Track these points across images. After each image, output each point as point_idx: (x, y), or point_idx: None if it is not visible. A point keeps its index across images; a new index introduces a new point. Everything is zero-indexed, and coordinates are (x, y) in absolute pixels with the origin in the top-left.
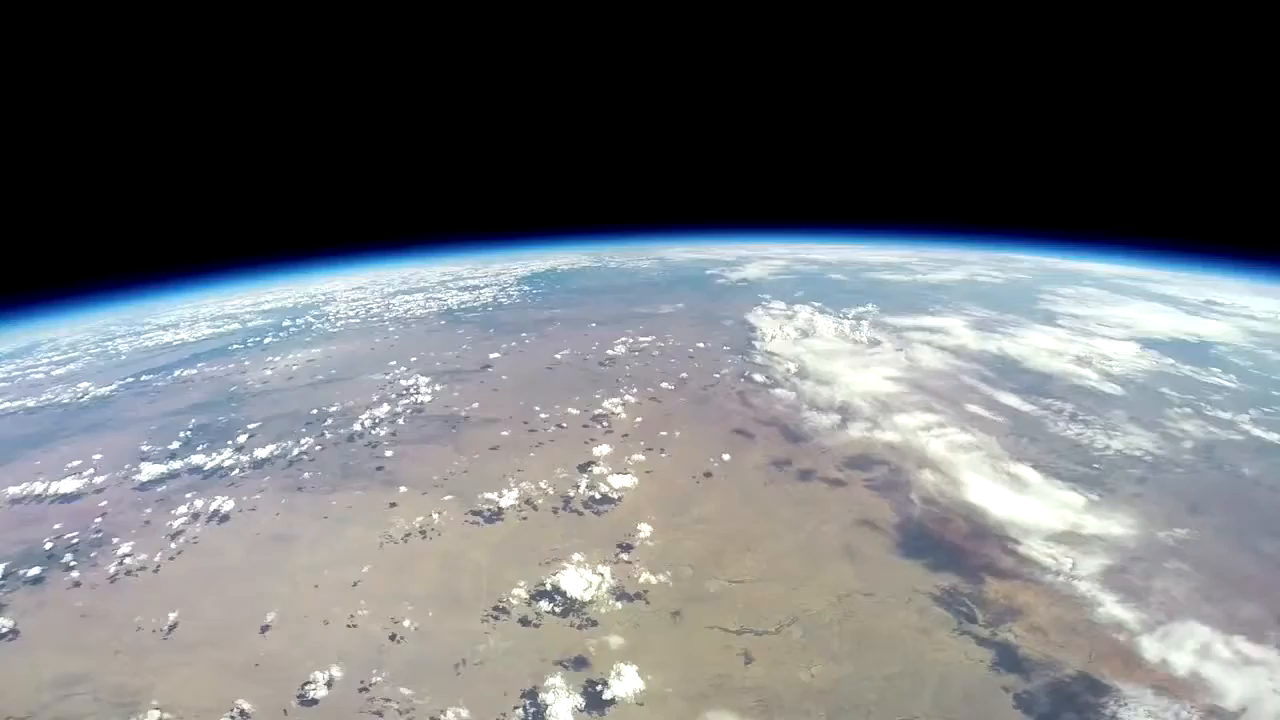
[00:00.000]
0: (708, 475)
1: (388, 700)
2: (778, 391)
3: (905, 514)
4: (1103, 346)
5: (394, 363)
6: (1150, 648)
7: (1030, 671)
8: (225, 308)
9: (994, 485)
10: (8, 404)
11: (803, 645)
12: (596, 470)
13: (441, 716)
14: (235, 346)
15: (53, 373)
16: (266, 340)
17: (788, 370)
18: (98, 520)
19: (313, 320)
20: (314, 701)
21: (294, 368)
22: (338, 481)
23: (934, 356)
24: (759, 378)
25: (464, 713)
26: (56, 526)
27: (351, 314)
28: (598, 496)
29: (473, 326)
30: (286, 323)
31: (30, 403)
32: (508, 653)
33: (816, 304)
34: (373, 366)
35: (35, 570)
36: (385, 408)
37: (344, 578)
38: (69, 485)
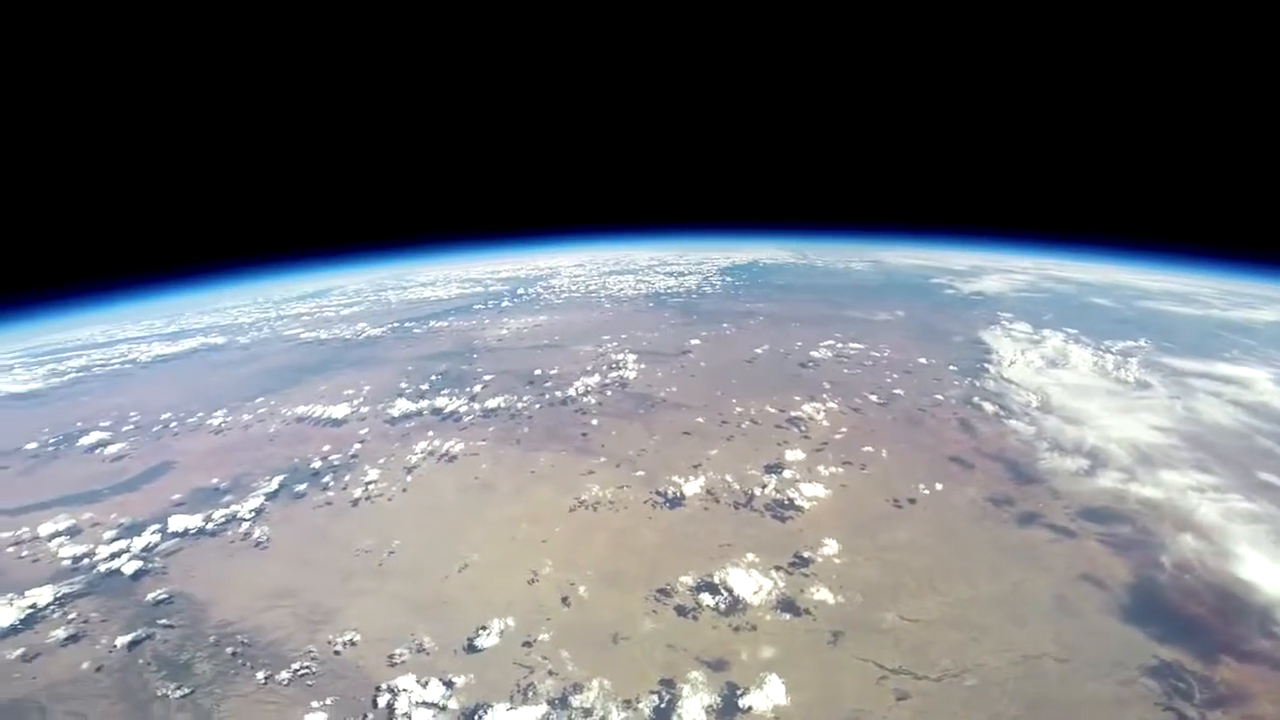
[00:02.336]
0: (911, 501)
1: (545, 659)
2: (1011, 423)
3: (1145, 576)
4: None
5: (606, 337)
6: None
7: None
8: (471, 273)
9: (1274, 564)
10: (307, 334)
11: (964, 699)
12: (786, 474)
13: (586, 685)
14: (477, 306)
15: (340, 313)
16: (503, 304)
17: (1027, 402)
18: (356, 447)
19: (540, 291)
20: (478, 649)
21: (523, 331)
22: (545, 441)
23: (1222, 410)
24: (989, 406)
25: (607, 683)
26: (325, 448)
27: (573, 288)
28: (783, 501)
29: (675, 311)
30: (520, 291)
31: (322, 335)
32: (660, 637)
33: (1071, 330)
34: (587, 338)
35: (301, 486)
36: (596, 378)
37: (536, 534)
38: (340, 411)
